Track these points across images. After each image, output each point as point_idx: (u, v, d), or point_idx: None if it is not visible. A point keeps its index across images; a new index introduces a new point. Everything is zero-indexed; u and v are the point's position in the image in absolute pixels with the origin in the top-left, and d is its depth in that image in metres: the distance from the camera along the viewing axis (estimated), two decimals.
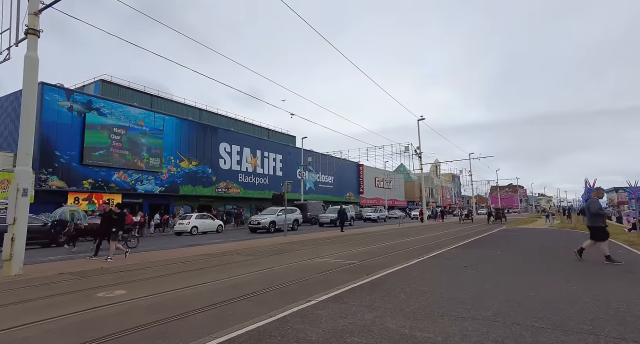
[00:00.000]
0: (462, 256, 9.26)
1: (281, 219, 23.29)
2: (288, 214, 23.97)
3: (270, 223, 23.45)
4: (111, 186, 25.97)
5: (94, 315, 4.49)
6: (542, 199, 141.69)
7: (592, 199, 8.63)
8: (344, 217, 23.75)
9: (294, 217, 25.80)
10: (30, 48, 8.30)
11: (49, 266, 9.04)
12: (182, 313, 4.45)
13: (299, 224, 26.36)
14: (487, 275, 6.58)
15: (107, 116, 25.95)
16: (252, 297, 5.32)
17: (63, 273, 7.50)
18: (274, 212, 24.40)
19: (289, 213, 24.71)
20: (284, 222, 20.73)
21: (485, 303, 4.57)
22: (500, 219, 35.21)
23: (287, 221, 23.05)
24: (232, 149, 36.06)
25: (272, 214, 24.25)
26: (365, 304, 4.60)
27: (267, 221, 23.44)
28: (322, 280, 6.49)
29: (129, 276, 7.21)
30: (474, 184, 62.77)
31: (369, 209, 43.26)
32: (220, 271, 7.71)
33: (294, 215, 26.24)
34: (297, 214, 26.81)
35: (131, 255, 11.17)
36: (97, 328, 3.95)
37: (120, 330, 3.83)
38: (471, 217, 37.44)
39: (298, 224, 26.24)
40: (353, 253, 10.60)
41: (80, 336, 3.70)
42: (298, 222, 26.37)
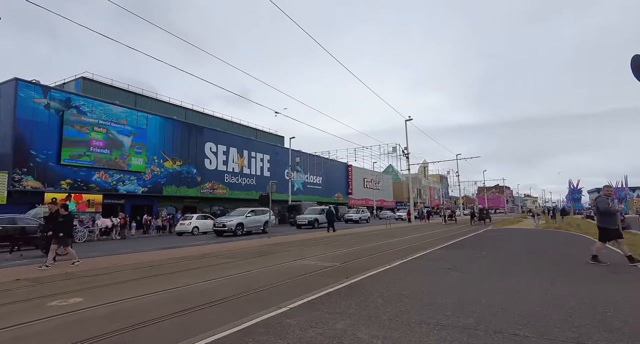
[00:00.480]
0: (447, 257, 9.03)
1: (251, 221, 21.72)
2: (259, 215, 22.68)
3: (238, 225, 21.00)
4: (91, 186, 25.14)
5: (35, 329, 4.05)
6: (527, 199, 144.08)
7: (600, 197, 7.84)
8: (333, 218, 23.42)
9: (265, 218, 22.69)
10: None
11: (11, 271, 8.47)
12: (138, 323, 4.06)
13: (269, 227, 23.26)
14: (470, 277, 6.33)
15: (87, 114, 25.13)
16: (220, 303, 4.95)
17: (20, 279, 6.98)
18: (243, 213, 22.17)
19: (260, 214, 22.88)
20: (254, 224, 19.87)
21: (467, 309, 4.29)
22: (484, 219, 33.28)
23: (257, 223, 22.01)
24: (218, 149, 35.43)
25: (240, 216, 21.88)
26: (339, 311, 4.27)
27: (233, 223, 20.91)
28: (299, 284, 6.14)
29: (91, 281, 6.74)
30: (461, 185, 63.31)
31: (351, 210, 41.84)
32: (193, 275, 7.30)
33: (265, 216, 22.70)
34: (268, 216, 22.16)
35: (104, 258, 10.66)
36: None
37: None
38: (455, 218, 35.79)
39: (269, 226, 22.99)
40: (336, 255, 10.28)
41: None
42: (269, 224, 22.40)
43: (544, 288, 5.40)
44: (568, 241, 13.97)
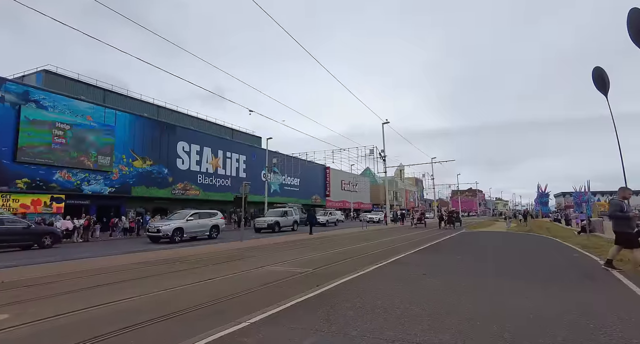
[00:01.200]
0: (422, 262, 8.78)
1: (193, 226, 18.66)
2: (205, 218, 19.68)
3: (176, 230, 17.63)
4: (52, 186, 23.54)
5: None
6: (499, 203, 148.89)
7: (613, 200, 7.43)
8: (313, 221, 23.22)
9: (213, 222, 19.92)
10: None
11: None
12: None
13: (219, 232, 20.24)
14: (447, 284, 6.04)
15: (49, 109, 23.54)
16: (172, 318, 4.39)
17: None
18: (184, 216, 18.86)
19: (206, 217, 19.89)
20: (198, 229, 18.15)
21: (445, 321, 3.95)
22: (453, 223, 29.70)
23: (201, 228, 19.07)
24: (192, 148, 34.23)
25: (180, 219, 18.50)
26: (303, 327, 3.83)
27: (169, 227, 17.54)
28: (264, 294, 5.65)
29: (28, 293, 5.97)
30: (436, 188, 64.41)
31: (319, 212, 38.40)
32: (151, 283, 6.65)
33: (213, 220, 20.10)
34: (217, 219, 20.44)
35: (57, 265, 9.75)
36: None
37: None
38: (424, 221, 31.95)
39: (218, 231, 20.21)
40: (309, 260, 9.83)
41: None
42: (218, 229, 20.27)
43: (522, 294, 5.16)
44: (541, 244, 14.14)
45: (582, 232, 18.46)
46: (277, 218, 26.25)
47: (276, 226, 25.49)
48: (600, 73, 24.20)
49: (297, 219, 28.51)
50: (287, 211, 27.89)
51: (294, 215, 28.34)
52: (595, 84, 24.11)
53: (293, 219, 27.95)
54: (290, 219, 27.62)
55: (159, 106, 39.05)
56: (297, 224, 28.25)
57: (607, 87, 25.12)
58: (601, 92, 24.30)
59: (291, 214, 28.14)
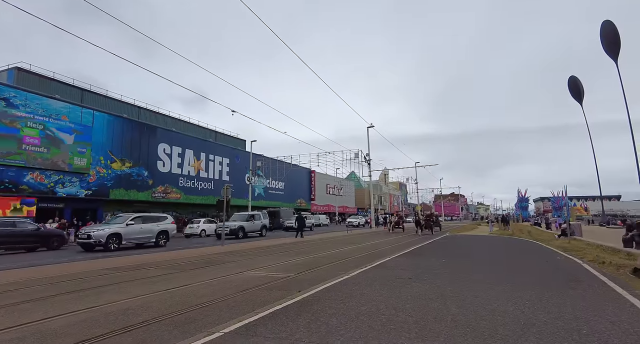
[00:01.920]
0: (407, 266, 8.59)
1: (134, 231, 15.97)
2: (149, 222, 16.90)
3: (111, 236, 15.12)
4: (22, 188, 22.44)
5: None
6: (480, 207, 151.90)
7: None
8: (302, 223, 22.99)
9: (159, 228, 17.19)
10: None
11: None
12: None
13: (168, 239, 17.62)
14: (432, 289, 5.84)
15: (20, 108, 22.49)
16: (139, 328, 4.01)
17: None
18: (124, 220, 16.24)
19: (151, 222, 17.11)
20: (140, 235, 16.01)
21: (432, 328, 3.72)
22: (431, 228, 26.65)
23: (145, 234, 16.45)
24: (173, 150, 33.40)
25: (119, 224, 15.97)
26: (283, 336, 3.53)
27: (103, 233, 15.00)
28: (241, 301, 5.31)
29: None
30: (419, 192, 65.01)
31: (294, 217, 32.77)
32: (119, 290, 6.20)
33: (160, 225, 17.42)
34: (166, 224, 17.85)
35: (20, 271, 9.13)
36: None
37: None
38: (402, 226, 29.07)
39: (167, 238, 17.60)
40: (291, 264, 9.51)
41: None
42: (167, 235, 17.63)
43: (510, 299, 5.00)
44: (524, 248, 14.22)
45: (562, 235, 18.75)
46: (242, 223, 23.86)
47: (240, 232, 23.03)
48: (575, 81, 24.86)
49: (266, 224, 26.69)
50: (254, 215, 25.90)
51: (261, 219, 26.27)
52: (570, 92, 24.70)
53: (261, 224, 25.84)
54: (257, 224, 25.52)
55: (139, 107, 38.02)
56: (266, 229, 26.35)
57: (581, 95, 25.79)
58: (576, 100, 24.99)
59: (259, 218, 26.05)
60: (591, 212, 69.27)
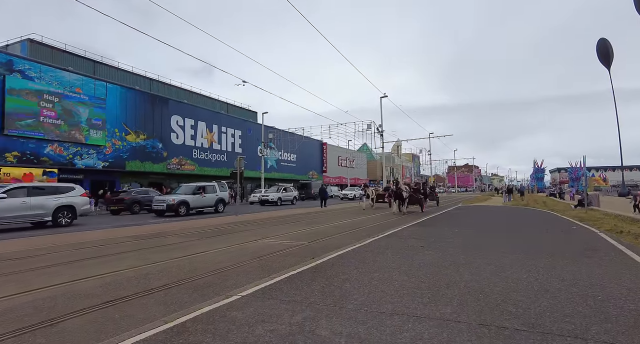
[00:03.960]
0: (419, 235, 8.63)
1: (9, 207, 11.77)
2: (43, 196, 12.94)
3: None
4: (43, 159, 23.06)
5: None
6: (494, 178, 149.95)
7: None
8: (324, 195, 24.08)
9: (57, 202, 13.28)
10: None
11: None
12: (44, 321, 3.25)
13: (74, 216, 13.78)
14: (445, 257, 5.87)
15: (35, 80, 22.65)
16: (160, 291, 4.19)
17: None
18: None
19: (46, 195, 13.13)
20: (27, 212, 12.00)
21: (445, 294, 3.77)
22: (422, 203, 18.06)
23: (35, 210, 12.53)
24: (186, 122, 33.50)
25: None
26: (298, 300, 3.63)
27: None
28: (257, 266, 5.46)
29: (15, 265, 5.76)
30: (432, 163, 64.35)
31: (270, 189, 31.65)
32: (139, 256, 6.45)
33: (61, 199, 13.45)
34: (70, 197, 13.70)
35: (46, 237, 9.56)
36: None
37: None
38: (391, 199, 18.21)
39: (73, 215, 13.73)
40: (304, 233, 9.68)
41: None
42: (73, 212, 13.74)
43: (523, 266, 5.00)
44: (539, 218, 14.09)
45: (578, 206, 18.47)
46: (185, 197, 18.71)
47: (182, 207, 18.06)
48: (605, 44, 23.25)
49: (223, 197, 21.17)
50: (205, 187, 20.33)
51: (217, 192, 20.73)
52: (598, 55, 23.21)
53: (216, 198, 20.44)
54: (210, 198, 20.15)
55: (151, 79, 37.90)
56: (223, 204, 20.98)
57: (610, 59, 24.21)
58: (604, 64, 23.52)
59: (212, 190, 20.53)
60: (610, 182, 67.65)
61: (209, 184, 21.22)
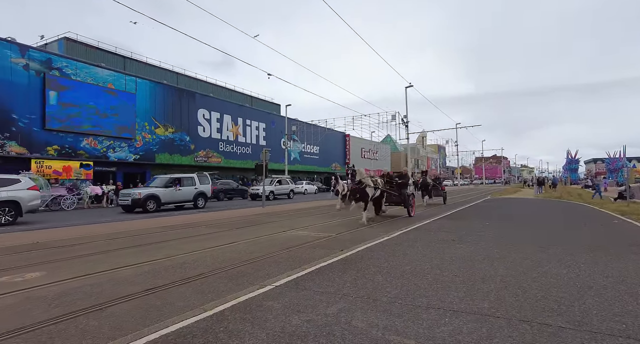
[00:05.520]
0: (449, 228, 8.47)
1: None
2: None
3: None
4: (80, 153, 24.23)
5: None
6: (524, 170, 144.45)
7: None
8: None
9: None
10: None
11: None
12: (95, 305, 3.44)
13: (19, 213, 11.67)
14: (478, 250, 5.74)
15: (72, 77, 23.72)
16: (196, 280, 4.33)
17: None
18: None
19: None
20: None
21: (481, 288, 3.69)
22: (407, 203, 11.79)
23: None
24: (212, 116, 34.16)
25: None
26: (331, 291, 3.66)
27: None
28: (287, 257, 5.54)
29: (60, 252, 6.12)
30: (459, 155, 62.67)
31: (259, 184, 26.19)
32: (172, 246, 6.69)
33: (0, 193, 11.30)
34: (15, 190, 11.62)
35: (84, 227, 10.08)
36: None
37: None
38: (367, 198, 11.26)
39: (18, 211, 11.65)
40: (331, 225, 9.72)
41: None
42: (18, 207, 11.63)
43: (562, 262, 4.81)
44: (575, 211, 13.48)
45: (619, 198, 17.52)
46: (156, 190, 16.51)
47: (150, 202, 15.94)
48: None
49: (204, 191, 18.44)
50: (182, 179, 17.65)
51: (195, 184, 18.06)
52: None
53: (195, 192, 17.82)
54: (187, 191, 17.53)
55: (178, 73, 38.79)
56: (204, 198, 18.40)
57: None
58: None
59: (191, 183, 17.89)
60: None
61: (187, 176, 18.29)
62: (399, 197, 11.79)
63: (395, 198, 11.88)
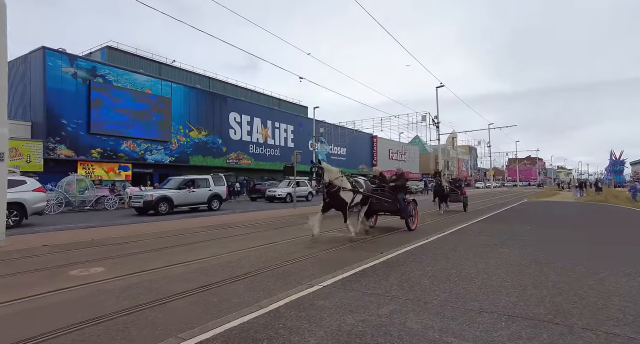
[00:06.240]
0: (488, 232, 8.27)
1: None
2: None
3: None
4: (120, 155, 25.55)
5: (49, 301, 3.74)
6: (561, 171, 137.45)
7: None
8: None
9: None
10: None
11: (44, 236, 8.51)
12: (157, 300, 3.67)
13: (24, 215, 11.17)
14: (523, 255, 5.59)
15: (113, 83, 25.09)
16: (244, 279, 4.51)
17: (47, 245, 6.88)
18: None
19: None
20: None
21: (533, 294, 3.61)
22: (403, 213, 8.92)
23: None
24: (242, 119, 35.01)
25: None
26: (379, 293, 3.71)
27: None
28: (328, 259, 5.64)
29: (115, 250, 6.52)
30: (491, 156, 60.64)
31: (281, 184, 26.37)
32: (216, 245, 6.95)
33: None
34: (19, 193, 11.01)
35: (127, 226, 10.64)
36: (43, 320, 3.19)
37: (65, 325, 3.05)
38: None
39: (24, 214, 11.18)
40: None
41: (10, 333, 2.94)
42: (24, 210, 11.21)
43: (621, 270, 4.59)
44: (625, 215, 12.75)
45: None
46: (168, 192, 16.07)
47: (162, 205, 15.40)
48: None
49: (219, 193, 17.93)
50: (196, 180, 17.30)
51: (210, 186, 17.62)
52: None
53: (209, 193, 17.35)
54: (201, 193, 17.07)
55: (209, 78, 39.99)
56: (218, 200, 17.87)
57: None
58: None
59: (205, 184, 17.51)
60: None
61: (201, 178, 17.90)
62: (393, 204, 8.79)
63: (388, 206, 8.92)
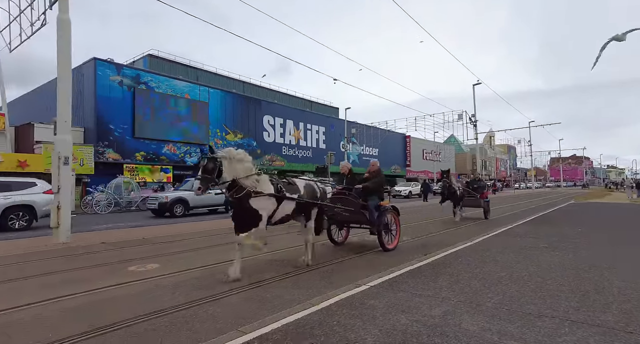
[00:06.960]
0: (535, 234, 7.90)
1: None
2: None
3: None
4: (162, 158, 26.84)
5: (114, 294, 4.02)
6: (611, 171, 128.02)
7: None
8: (427, 189, 26.97)
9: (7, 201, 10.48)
10: (62, 10, 7.90)
11: (100, 234, 9.14)
12: (213, 295, 3.84)
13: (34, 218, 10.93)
14: (578, 258, 5.30)
15: (155, 90, 26.44)
16: (291, 276, 4.61)
17: (105, 243, 7.39)
18: None
19: None
20: None
21: (597, 300, 3.43)
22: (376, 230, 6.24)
23: None
24: (276, 121, 35.65)
25: None
26: (429, 294, 3.67)
27: None
28: (370, 259, 5.64)
29: (166, 247, 6.88)
30: (532, 155, 57.72)
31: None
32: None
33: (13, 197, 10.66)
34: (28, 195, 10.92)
35: (172, 226, 11.15)
36: (111, 311, 3.44)
37: (133, 316, 3.28)
38: None
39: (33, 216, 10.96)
40: (405, 228, 9.59)
41: (83, 321, 3.20)
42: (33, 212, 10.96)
43: None
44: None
45: None
46: (184, 193, 15.56)
47: (178, 206, 15.02)
48: None
49: None
50: None
51: None
52: None
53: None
54: (218, 195, 15.18)
55: (244, 82, 41.11)
56: None
57: None
58: None
59: None
60: None
61: None
62: (359, 213, 6.21)
63: (350, 216, 6.37)
